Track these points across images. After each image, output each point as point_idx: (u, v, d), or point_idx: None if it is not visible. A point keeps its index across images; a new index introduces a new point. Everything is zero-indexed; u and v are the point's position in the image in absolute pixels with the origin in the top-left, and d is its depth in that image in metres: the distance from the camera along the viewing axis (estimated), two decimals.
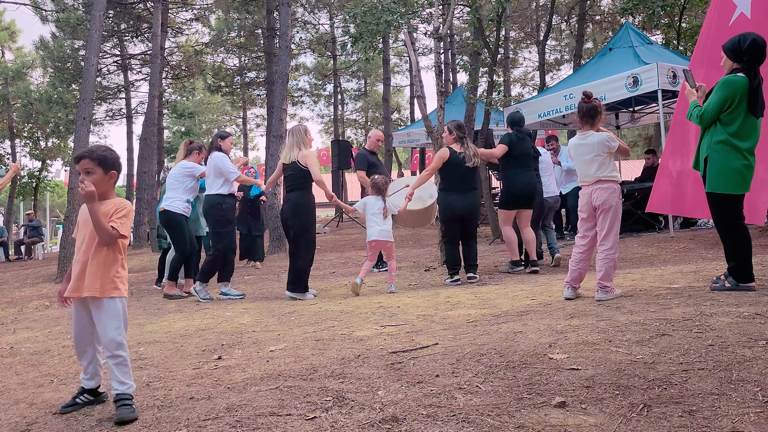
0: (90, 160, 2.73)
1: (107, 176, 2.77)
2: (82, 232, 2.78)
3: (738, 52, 4.27)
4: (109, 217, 2.71)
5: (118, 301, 2.73)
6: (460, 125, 6.78)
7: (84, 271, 2.71)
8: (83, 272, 2.71)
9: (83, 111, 11.12)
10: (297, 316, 4.90)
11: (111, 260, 2.74)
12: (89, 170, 2.73)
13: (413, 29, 9.74)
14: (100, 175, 2.75)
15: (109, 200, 2.78)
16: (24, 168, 29.33)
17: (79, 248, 2.78)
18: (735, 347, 2.75)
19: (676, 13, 14.62)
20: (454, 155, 6.56)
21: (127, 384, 2.65)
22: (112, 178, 2.80)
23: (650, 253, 7.50)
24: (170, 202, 6.89)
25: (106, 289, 2.70)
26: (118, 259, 2.77)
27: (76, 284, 2.72)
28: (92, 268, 2.70)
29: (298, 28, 27.22)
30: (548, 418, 2.12)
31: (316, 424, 2.24)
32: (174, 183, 6.95)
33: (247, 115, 34.98)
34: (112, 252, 2.75)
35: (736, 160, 4.22)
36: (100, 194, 2.72)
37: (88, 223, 2.73)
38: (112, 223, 2.70)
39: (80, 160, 2.75)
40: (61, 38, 25.11)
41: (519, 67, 31.48)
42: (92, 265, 2.70)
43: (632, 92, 9.29)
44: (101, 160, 2.75)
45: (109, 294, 2.70)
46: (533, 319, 3.79)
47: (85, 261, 2.72)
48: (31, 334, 5.10)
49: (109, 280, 2.71)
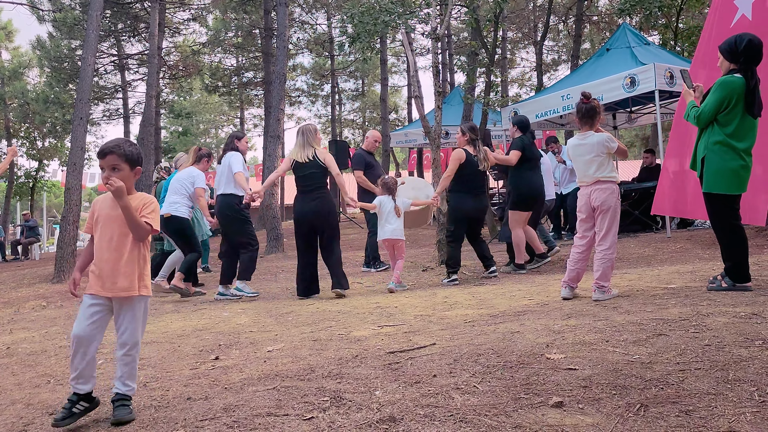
0: (117, 156, 2.66)
1: (133, 172, 2.72)
2: (108, 229, 2.68)
3: (734, 53, 4.27)
4: (139, 212, 2.66)
5: (145, 300, 2.70)
6: (474, 127, 6.86)
7: (117, 269, 2.63)
8: (116, 270, 2.63)
9: (80, 111, 11.10)
10: (294, 317, 4.90)
11: (141, 258, 2.69)
12: (116, 166, 2.66)
13: (411, 29, 9.74)
14: (127, 171, 2.69)
15: (134, 195, 2.72)
16: (21, 168, 29.27)
17: (107, 246, 2.66)
18: (731, 347, 2.75)
19: (673, 14, 14.65)
20: (470, 157, 6.60)
21: (131, 386, 2.63)
22: (137, 174, 2.74)
23: (647, 253, 7.52)
24: (176, 207, 6.90)
25: (138, 287, 2.65)
26: (146, 257, 2.73)
27: (110, 283, 2.62)
28: (126, 267, 2.64)
29: (296, 28, 27.20)
30: (545, 418, 2.12)
31: (313, 425, 2.24)
32: (179, 188, 6.98)
33: (245, 115, 34.94)
34: (142, 249, 2.70)
35: (732, 161, 4.23)
36: (126, 190, 2.65)
37: (113, 219, 2.65)
38: (144, 219, 2.65)
39: (106, 156, 2.66)
40: (58, 38, 25.05)
41: (516, 67, 31.51)
42: (126, 264, 2.64)
43: (629, 93, 9.31)
44: (128, 156, 2.69)
45: (140, 292, 2.66)
46: (530, 319, 3.79)
47: (116, 259, 2.64)
48: (27, 335, 5.09)
49: (140, 277, 2.67)
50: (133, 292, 2.63)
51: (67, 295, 8.25)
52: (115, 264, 2.63)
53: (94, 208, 2.76)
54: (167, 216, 6.82)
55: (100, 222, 2.71)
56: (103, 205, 2.73)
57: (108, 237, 2.67)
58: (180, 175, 7.09)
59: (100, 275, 2.64)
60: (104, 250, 2.66)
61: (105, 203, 2.73)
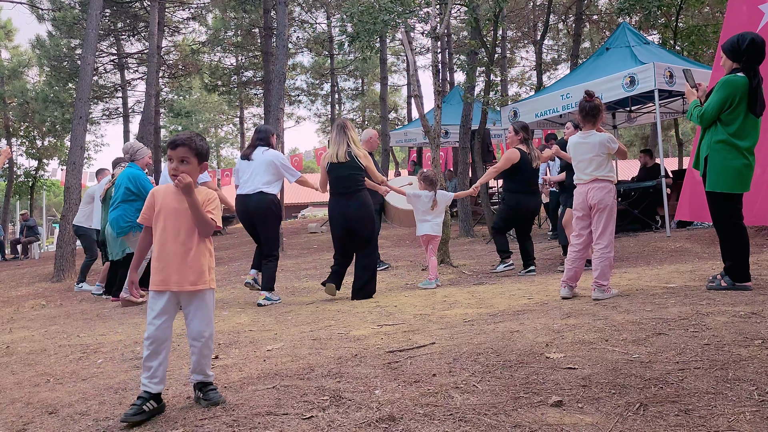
0: (189, 149, 2.63)
1: (200, 167, 2.69)
2: (175, 222, 2.63)
3: (737, 52, 4.28)
4: (204, 207, 2.64)
5: (213, 293, 2.69)
6: (526, 126, 6.94)
7: (185, 264, 2.60)
8: (185, 266, 2.60)
9: (80, 110, 11.09)
10: (294, 316, 4.90)
11: (208, 252, 2.68)
12: (185, 159, 2.62)
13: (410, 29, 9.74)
14: (195, 165, 2.66)
15: (197, 190, 2.68)
16: (20, 167, 29.25)
17: (173, 239, 2.62)
18: (731, 346, 2.76)
19: (673, 13, 14.65)
20: (524, 156, 6.67)
21: (210, 374, 2.67)
22: (203, 169, 2.72)
23: (647, 253, 7.52)
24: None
25: (207, 280, 2.64)
26: (211, 250, 2.71)
27: (179, 277, 2.59)
28: (196, 261, 2.61)
29: (295, 27, 27.19)
30: (545, 417, 2.12)
31: (313, 424, 2.24)
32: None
33: (244, 114, 34.94)
34: (207, 244, 2.68)
35: (735, 160, 4.24)
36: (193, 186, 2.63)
37: (182, 213, 2.62)
38: (209, 215, 2.63)
39: (177, 147, 2.62)
40: (57, 37, 25.05)
41: (516, 66, 31.51)
42: (196, 258, 2.61)
43: (629, 92, 9.31)
44: (198, 151, 2.66)
45: (209, 285, 2.65)
46: (530, 319, 3.80)
47: (185, 253, 2.61)
48: (27, 334, 5.09)
49: (209, 271, 2.66)
50: (204, 286, 2.62)
51: (66, 294, 8.25)
52: (183, 258, 2.60)
53: (155, 199, 2.69)
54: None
55: (163, 214, 2.66)
56: (167, 198, 2.67)
57: (175, 231, 2.63)
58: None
59: (164, 269, 2.60)
60: (170, 243, 2.62)
61: (169, 196, 2.67)
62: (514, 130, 6.87)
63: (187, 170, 2.61)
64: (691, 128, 32.52)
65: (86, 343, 4.38)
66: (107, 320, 5.59)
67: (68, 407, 2.78)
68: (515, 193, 6.76)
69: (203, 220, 2.61)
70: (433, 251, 6.50)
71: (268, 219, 5.87)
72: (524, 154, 6.69)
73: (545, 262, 7.74)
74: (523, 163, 6.67)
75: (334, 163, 5.75)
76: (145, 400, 2.53)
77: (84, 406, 2.78)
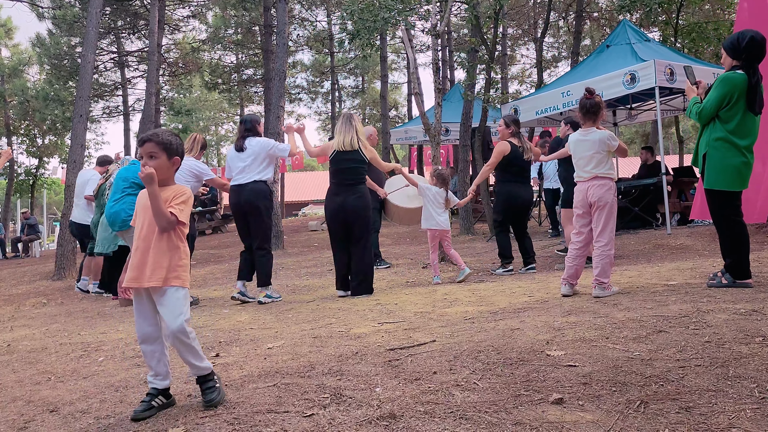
0: (155, 143, 2.63)
1: (170, 162, 2.67)
2: (141, 218, 2.66)
3: (737, 50, 4.27)
4: (168, 202, 2.61)
5: (180, 290, 2.61)
6: (516, 120, 7.04)
7: (145, 260, 2.58)
8: (144, 261, 2.58)
9: (80, 108, 11.09)
10: (294, 314, 4.91)
11: (172, 248, 2.62)
12: (153, 154, 2.62)
13: (410, 26, 9.72)
14: (164, 160, 2.64)
15: (170, 186, 2.68)
16: (21, 165, 29.26)
17: (137, 236, 2.64)
18: (732, 344, 2.76)
19: (674, 11, 14.63)
20: (515, 148, 6.73)
21: (200, 366, 2.58)
22: (175, 164, 2.70)
23: (647, 250, 7.52)
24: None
25: (167, 278, 2.58)
26: (180, 247, 2.65)
27: (136, 273, 2.58)
28: (154, 257, 2.58)
29: (296, 25, 27.17)
30: (545, 415, 2.12)
31: (313, 422, 2.24)
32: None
33: (245, 112, 34.93)
34: (173, 240, 2.64)
35: (734, 157, 4.24)
36: (161, 180, 2.61)
37: (147, 210, 2.62)
38: (170, 209, 2.59)
39: (144, 143, 2.63)
40: (57, 35, 25.04)
41: (516, 64, 31.48)
42: (153, 254, 2.58)
43: (630, 89, 9.30)
44: (166, 145, 2.65)
45: (170, 283, 2.58)
46: (530, 316, 3.80)
47: (145, 249, 2.60)
48: (28, 332, 5.10)
49: (171, 268, 2.60)
50: (157, 282, 2.56)
51: (67, 293, 8.26)
52: (144, 254, 2.59)
53: (139, 200, 2.73)
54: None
55: (139, 212, 2.68)
56: (142, 196, 2.69)
57: (140, 227, 2.65)
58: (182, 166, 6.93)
59: (133, 266, 2.61)
60: (136, 240, 2.64)
61: (144, 194, 2.67)
62: (505, 123, 6.93)
63: (154, 165, 2.60)
64: (692, 125, 32.51)
65: (87, 341, 4.38)
66: (108, 318, 5.59)
67: (69, 405, 2.78)
68: (506, 184, 6.84)
69: (160, 212, 2.56)
70: (449, 245, 6.60)
71: (260, 208, 5.82)
72: (515, 146, 6.75)
73: (546, 260, 7.75)
74: (513, 156, 6.73)
75: (340, 151, 5.76)
76: (154, 396, 2.57)
77: (85, 404, 2.78)
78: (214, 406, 2.50)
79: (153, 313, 2.63)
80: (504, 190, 6.88)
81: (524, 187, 6.90)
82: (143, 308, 2.62)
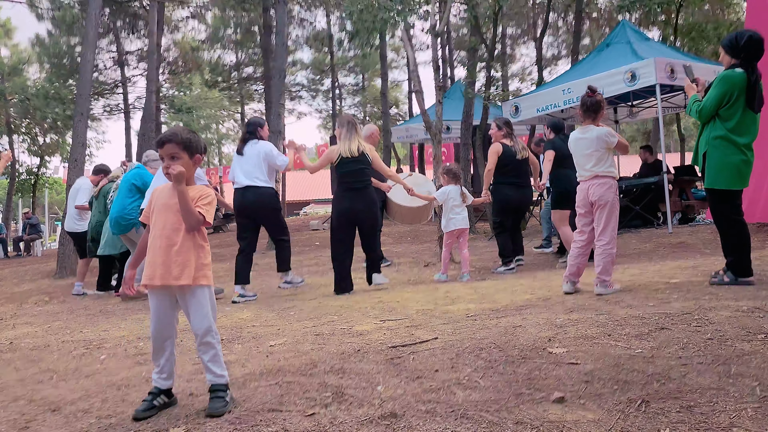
0: (175, 144, 2.59)
1: (192, 161, 2.64)
2: (162, 217, 2.61)
3: (735, 48, 4.27)
4: (195, 202, 2.58)
5: (206, 289, 2.60)
6: (508, 122, 7.13)
7: (169, 258, 2.54)
8: (168, 259, 2.54)
9: (81, 107, 11.10)
10: (297, 311, 4.91)
11: (198, 246, 2.61)
12: (175, 155, 2.58)
13: (410, 26, 9.72)
14: (186, 159, 2.60)
15: (193, 186, 2.64)
16: (22, 165, 29.25)
17: (159, 234, 2.59)
18: (734, 341, 2.75)
19: (673, 11, 14.61)
20: (507, 149, 6.80)
21: (218, 374, 2.55)
22: (197, 163, 2.67)
23: (649, 249, 7.51)
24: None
25: (196, 276, 2.55)
26: (204, 246, 2.64)
27: (160, 271, 2.54)
28: (181, 256, 2.54)
29: (295, 25, 27.15)
30: (547, 414, 2.12)
31: (315, 421, 2.24)
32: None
33: (245, 110, 34.88)
34: (198, 239, 2.61)
35: (734, 156, 4.23)
36: (186, 179, 2.59)
37: (169, 208, 2.58)
38: (198, 209, 2.57)
39: (164, 144, 2.59)
40: (57, 35, 25.04)
41: (517, 62, 31.48)
42: (180, 252, 2.55)
43: (630, 87, 9.29)
44: (186, 144, 2.61)
45: (199, 282, 2.56)
46: (532, 314, 3.80)
47: (168, 247, 2.55)
48: (30, 330, 5.10)
49: (199, 267, 2.58)
50: (187, 281, 2.54)
51: (69, 291, 8.26)
52: (167, 252, 2.55)
53: (153, 197, 2.69)
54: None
55: (155, 210, 2.64)
56: (161, 195, 2.65)
57: (161, 225, 2.60)
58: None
59: (151, 264, 2.57)
60: (157, 238, 2.60)
61: (163, 192, 2.65)
62: (497, 125, 6.98)
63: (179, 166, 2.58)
64: (693, 123, 32.45)
65: (89, 339, 4.38)
66: (110, 316, 5.59)
67: (71, 405, 2.78)
68: (500, 185, 6.88)
69: (190, 211, 2.54)
70: (465, 243, 6.56)
71: (268, 212, 6.09)
72: (507, 147, 6.81)
73: (546, 259, 7.74)
74: (506, 156, 6.79)
75: (346, 157, 5.83)
76: (155, 396, 2.55)
77: (86, 403, 2.78)
78: (217, 416, 2.43)
79: (171, 311, 2.62)
80: (499, 193, 6.91)
81: (519, 188, 6.92)
82: (161, 306, 2.60)
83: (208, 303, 2.60)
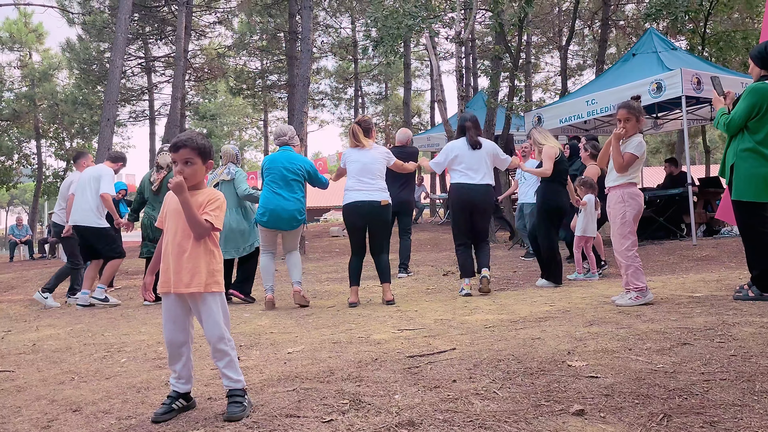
0: (191, 149, 2.57)
1: (205, 166, 2.65)
2: (174, 223, 2.61)
3: (765, 60, 4.21)
4: (202, 208, 2.56)
5: (217, 296, 2.60)
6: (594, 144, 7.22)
7: (180, 265, 2.54)
8: (179, 267, 2.54)
9: (108, 112, 11.28)
10: (315, 319, 4.92)
11: (208, 253, 2.60)
12: (189, 160, 2.57)
13: (435, 33, 9.73)
14: (199, 165, 2.60)
15: (202, 191, 2.63)
16: (49, 168, 29.78)
17: (171, 240, 2.59)
18: (758, 357, 2.70)
19: (701, 19, 14.46)
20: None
21: (234, 379, 2.54)
22: (209, 168, 2.68)
23: (672, 261, 7.41)
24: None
25: (207, 284, 2.55)
26: (214, 252, 2.63)
27: (175, 278, 2.54)
28: (191, 263, 2.54)
29: (320, 32, 27.36)
30: (566, 426, 2.10)
31: (332, 427, 2.24)
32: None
33: (269, 117, 35.21)
34: (209, 245, 2.61)
35: (762, 167, 4.17)
36: (195, 185, 2.59)
37: (180, 214, 2.56)
38: (205, 216, 2.54)
39: (179, 149, 2.57)
40: (87, 41, 25.51)
41: (541, 72, 31.33)
42: (190, 260, 2.55)
43: (656, 98, 9.20)
44: (201, 150, 2.59)
45: (210, 289, 2.56)
46: (552, 326, 3.76)
47: (179, 254, 2.55)
48: (53, 332, 5.18)
49: (210, 274, 2.57)
50: (198, 288, 2.54)
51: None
52: (178, 259, 2.55)
53: (166, 202, 2.70)
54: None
55: (168, 216, 2.65)
56: (172, 199, 2.65)
57: (173, 231, 2.61)
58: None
59: (165, 271, 2.58)
60: (169, 244, 2.60)
61: (174, 197, 2.64)
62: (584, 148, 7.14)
63: (192, 171, 2.59)
64: (719, 135, 32.03)
65: (110, 342, 4.43)
66: (131, 320, 5.65)
67: (92, 405, 2.81)
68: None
69: (195, 221, 2.53)
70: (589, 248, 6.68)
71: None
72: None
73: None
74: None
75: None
76: (174, 399, 2.57)
77: (107, 404, 2.81)
78: (235, 420, 2.42)
79: (184, 318, 2.62)
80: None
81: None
82: (174, 313, 2.61)
83: (219, 310, 2.59)
